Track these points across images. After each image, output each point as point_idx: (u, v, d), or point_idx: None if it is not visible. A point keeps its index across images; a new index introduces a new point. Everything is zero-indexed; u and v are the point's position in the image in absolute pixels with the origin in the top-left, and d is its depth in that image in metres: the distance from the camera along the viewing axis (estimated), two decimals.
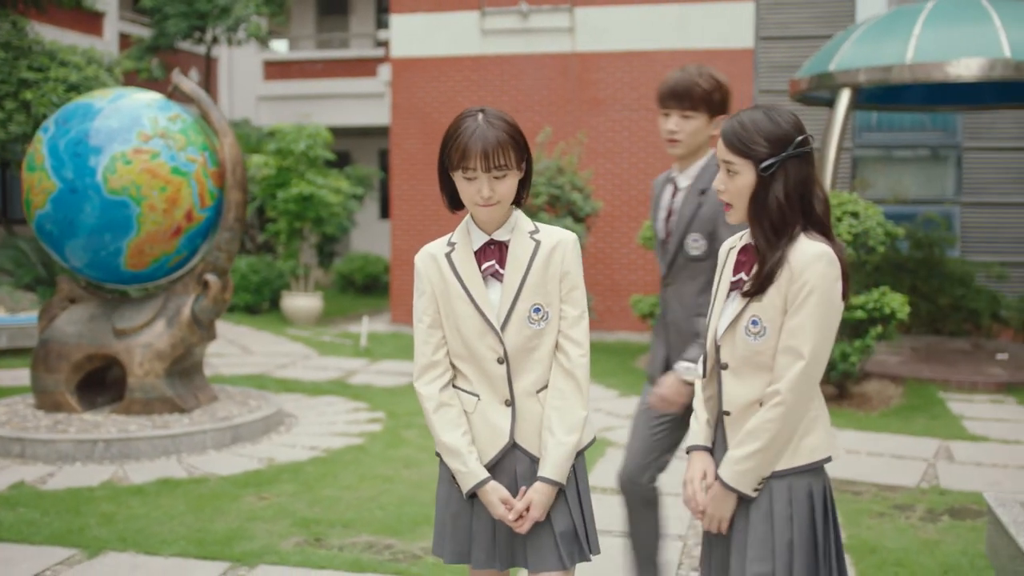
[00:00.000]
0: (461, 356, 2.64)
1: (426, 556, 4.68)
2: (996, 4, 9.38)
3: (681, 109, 3.39)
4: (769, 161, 2.45)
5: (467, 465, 2.57)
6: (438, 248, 2.67)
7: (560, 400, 2.59)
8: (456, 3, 14.43)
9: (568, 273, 2.61)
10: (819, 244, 2.46)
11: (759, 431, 2.45)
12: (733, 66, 13.57)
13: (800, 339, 2.42)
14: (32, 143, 7.03)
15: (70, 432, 6.60)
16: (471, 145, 2.49)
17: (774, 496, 2.48)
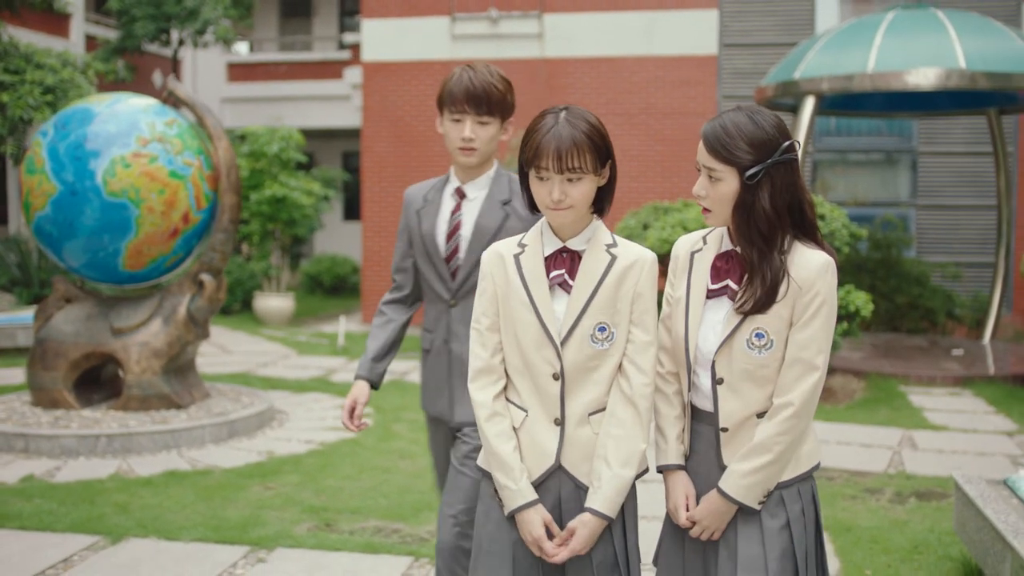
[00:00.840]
0: (516, 367, 2.51)
1: (432, 539, 4.96)
2: (951, 16, 9.85)
3: (478, 114, 3.03)
4: (755, 169, 2.35)
5: (517, 483, 2.44)
6: (507, 248, 2.54)
7: (618, 429, 2.44)
8: (427, 8, 14.70)
9: (642, 295, 2.46)
10: (821, 253, 2.41)
11: (770, 444, 2.39)
12: (698, 72, 14.00)
13: (812, 351, 2.38)
14: (31, 147, 7.21)
15: (72, 428, 6.80)
16: (544, 143, 2.39)
17: (788, 505, 2.45)
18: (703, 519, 2.47)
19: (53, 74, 12.49)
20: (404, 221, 3.24)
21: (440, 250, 3.12)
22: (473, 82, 3.01)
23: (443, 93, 3.06)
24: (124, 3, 18.49)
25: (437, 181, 3.21)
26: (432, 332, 3.18)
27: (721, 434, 2.47)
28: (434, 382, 3.19)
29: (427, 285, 3.19)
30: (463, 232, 3.09)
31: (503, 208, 3.04)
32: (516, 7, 14.41)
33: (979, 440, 7.25)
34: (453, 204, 3.12)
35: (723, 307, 2.46)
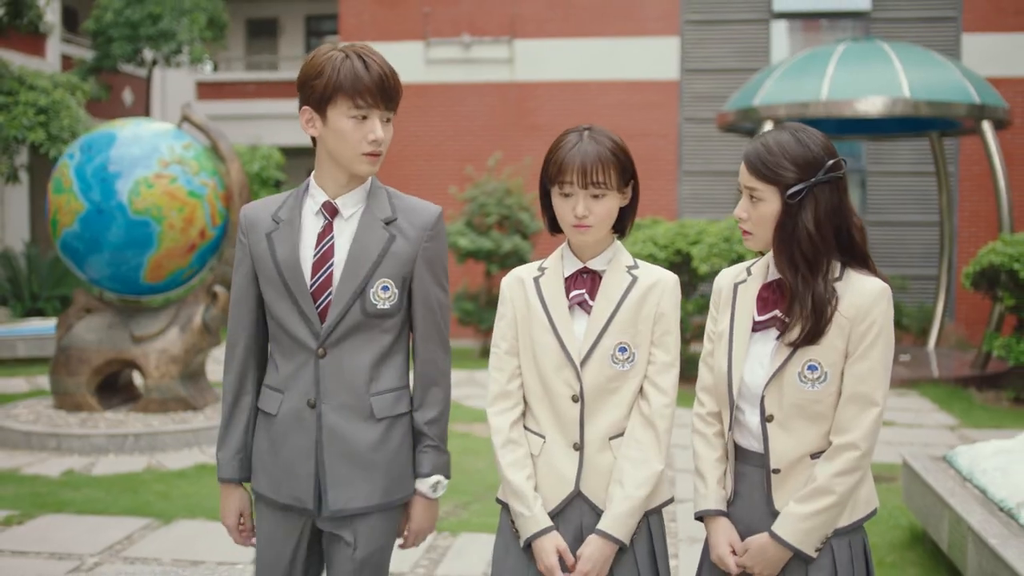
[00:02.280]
0: (535, 392, 2.46)
1: (445, 519, 5.61)
2: (896, 49, 10.73)
3: (388, 110, 2.40)
4: (797, 187, 2.25)
5: (531, 510, 2.38)
6: (527, 272, 2.52)
7: (636, 451, 2.39)
8: (402, 33, 15.38)
9: (664, 315, 2.42)
10: (875, 280, 2.29)
11: (832, 485, 2.24)
12: (660, 96, 14.81)
13: (872, 384, 2.25)
14: (58, 168, 7.77)
15: (100, 428, 7.37)
16: (569, 159, 2.35)
17: (837, 555, 2.31)
18: (753, 566, 2.32)
19: (45, 95, 12.99)
20: (244, 249, 2.51)
21: (305, 283, 2.41)
22: (383, 69, 2.36)
23: (339, 80, 2.32)
24: (100, 24, 18.96)
25: (287, 197, 2.52)
26: (283, 391, 2.46)
27: (772, 476, 2.33)
28: (286, 458, 2.45)
29: (280, 330, 2.47)
30: (336, 258, 2.42)
31: (386, 228, 2.43)
32: (487, 33, 15.13)
33: (924, 433, 8.05)
34: (321, 224, 2.45)
35: (769, 339, 2.35)
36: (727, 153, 14.33)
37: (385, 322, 2.45)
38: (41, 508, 5.75)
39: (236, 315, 2.54)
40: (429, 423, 2.49)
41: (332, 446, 2.42)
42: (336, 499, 2.41)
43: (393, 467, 2.46)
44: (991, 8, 14.14)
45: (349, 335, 2.42)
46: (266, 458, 2.50)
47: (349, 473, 2.42)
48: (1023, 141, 13.93)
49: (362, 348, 2.44)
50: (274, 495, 2.48)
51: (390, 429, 2.46)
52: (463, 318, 12.82)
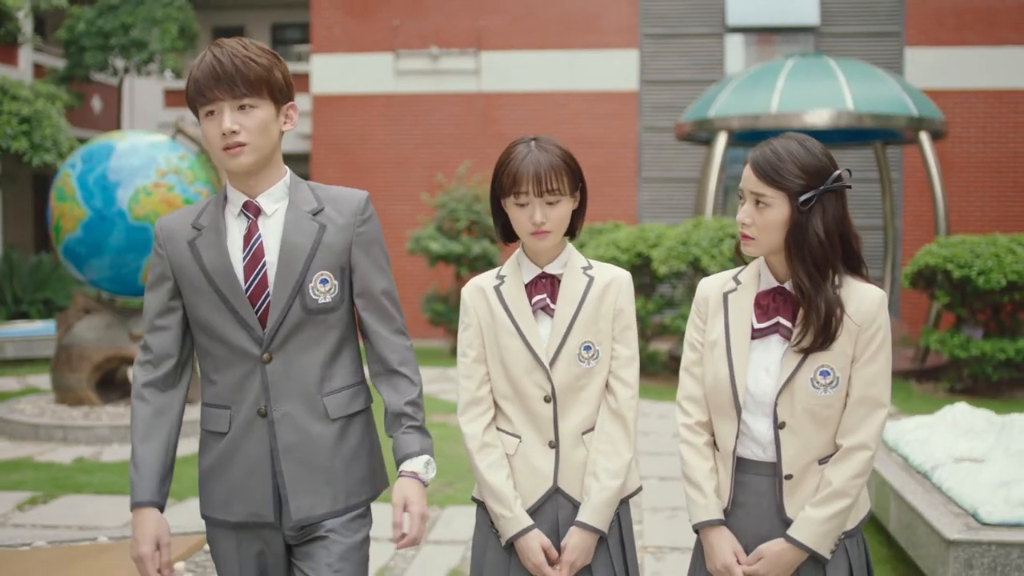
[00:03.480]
0: (505, 395, 2.53)
1: (432, 495, 6.21)
2: (841, 64, 11.48)
3: (235, 97, 2.24)
4: (809, 194, 2.29)
5: (512, 510, 2.45)
6: (487, 280, 2.58)
7: (607, 444, 2.48)
8: (372, 45, 15.93)
9: (622, 311, 2.53)
10: (874, 287, 2.37)
11: (846, 488, 2.31)
12: (620, 106, 15.49)
13: (880, 387, 2.33)
14: (60, 177, 8.28)
15: (103, 420, 7.89)
16: (523, 169, 2.42)
17: (851, 554, 2.40)
18: (768, 571, 2.36)
19: (28, 105, 13.42)
20: (164, 263, 2.37)
21: (240, 288, 2.31)
22: (219, 59, 2.22)
23: (189, 87, 2.27)
24: (73, 34, 19.32)
25: (205, 204, 2.42)
26: (231, 406, 2.35)
27: (784, 482, 2.36)
28: (238, 473, 2.35)
29: (216, 343, 2.34)
30: (268, 258, 2.33)
31: (314, 220, 2.35)
32: (455, 45, 15.73)
33: None
34: (245, 225, 2.35)
35: (772, 347, 2.39)
36: (684, 161, 15.04)
37: (329, 317, 2.36)
38: (61, 489, 6.28)
39: (158, 334, 2.37)
40: (408, 403, 2.38)
41: (289, 453, 2.33)
42: (299, 508, 2.32)
43: (353, 469, 2.38)
44: (932, 24, 14.96)
45: (293, 336, 2.33)
46: (214, 480, 2.38)
47: (310, 480, 2.33)
48: (963, 149, 14.77)
49: (309, 348, 2.35)
50: (224, 515, 2.36)
51: (346, 428, 2.39)
52: (434, 319, 13.40)
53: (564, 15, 15.49)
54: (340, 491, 2.36)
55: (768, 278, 2.42)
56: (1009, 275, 9.31)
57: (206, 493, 2.40)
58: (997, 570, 3.82)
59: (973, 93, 14.85)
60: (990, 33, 14.80)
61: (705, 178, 11.68)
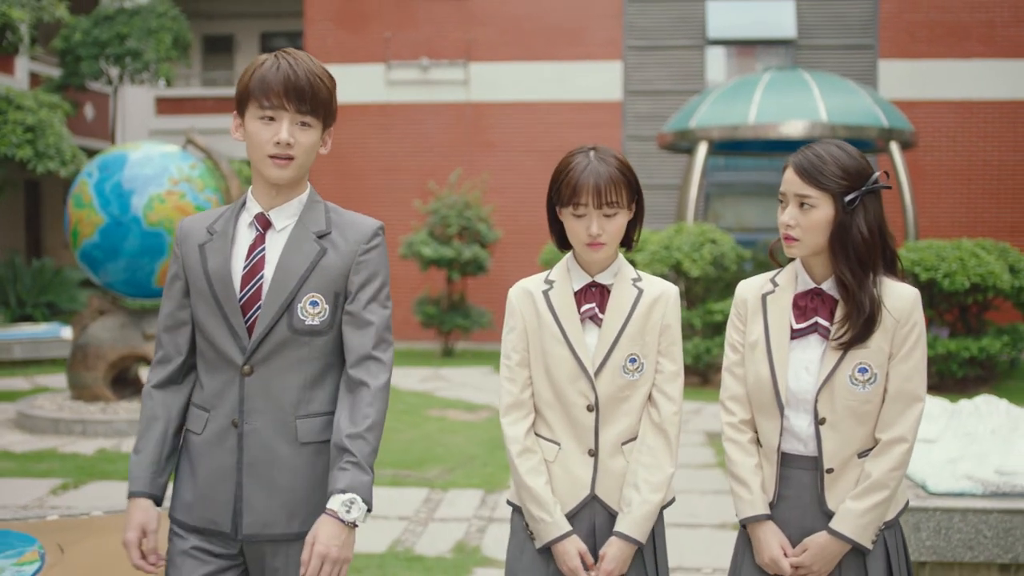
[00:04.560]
0: (547, 401, 2.53)
1: (436, 480, 6.71)
2: (815, 77, 12.06)
3: (299, 112, 2.30)
4: (854, 194, 2.37)
5: (552, 515, 2.47)
6: (535, 285, 2.57)
7: (649, 457, 2.49)
8: (364, 56, 16.43)
9: (669, 326, 2.53)
10: (909, 286, 2.44)
11: (886, 480, 2.38)
12: (605, 115, 16.03)
13: (916, 382, 2.40)
14: (77, 185, 8.74)
15: (120, 414, 8.36)
16: (583, 180, 2.42)
17: (889, 545, 2.46)
18: (813, 563, 2.43)
19: (32, 114, 13.85)
20: (178, 262, 2.42)
21: (235, 295, 2.33)
22: (295, 70, 2.27)
23: (251, 83, 2.29)
24: (69, 43, 19.74)
25: (226, 210, 2.46)
26: (209, 410, 2.37)
27: (826, 476, 2.43)
28: (204, 478, 2.36)
29: (208, 346, 2.38)
30: (266, 271, 2.34)
31: (317, 242, 2.35)
32: (445, 57, 16.25)
33: None
34: (253, 236, 2.38)
35: (811, 346, 2.46)
36: (667, 169, 15.58)
37: (315, 340, 2.33)
38: (89, 476, 6.76)
39: (172, 330, 2.43)
40: (351, 437, 2.23)
41: (252, 468, 2.31)
42: (251, 523, 2.31)
43: (315, 495, 2.32)
44: (905, 37, 15.57)
45: (276, 352, 2.32)
46: (183, 479, 2.40)
47: (267, 498, 2.31)
48: (934, 158, 15.37)
49: (291, 368, 2.33)
50: (185, 516, 2.37)
51: (317, 455, 2.34)
52: (425, 321, 13.90)
53: (551, 28, 16.02)
54: (297, 514, 2.31)
55: (805, 279, 2.49)
56: (972, 278, 9.89)
57: (176, 492, 2.42)
58: (940, 532, 4.35)
59: (943, 104, 15.45)
60: (959, 47, 15.41)
61: (687, 185, 12.24)
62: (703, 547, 5.22)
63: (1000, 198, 15.40)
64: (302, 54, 2.33)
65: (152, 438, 2.38)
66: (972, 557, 4.35)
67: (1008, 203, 15.37)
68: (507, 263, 15.85)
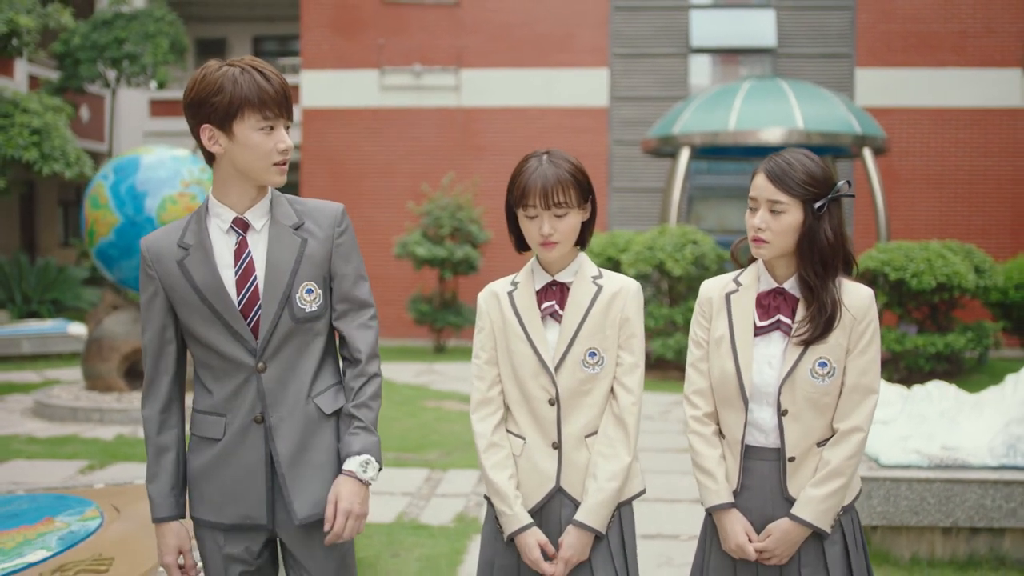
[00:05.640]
0: (514, 398, 2.63)
1: (435, 462, 7.24)
2: (792, 86, 12.64)
3: (289, 119, 2.42)
4: (823, 201, 2.48)
5: (512, 508, 2.56)
6: (501, 287, 2.69)
7: (607, 447, 2.56)
8: (358, 62, 16.93)
9: (628, 320, 2.58)
10: (864, 286, 2.58)
11: (843, 468, 2.50)
12: (591, 121, 16.58)
13: (871, 376, 2.53)
14: (93, 187, 9.23)
15: (135, 404, 8.86)
16: (531, 183, 2.50)
17: (845, 530, 2.58)
18: (776, 547, 2.54)
19: (38, 117, 14.31)
20: (154, 283, 2.45)
21: (232, 303, 2.40)
22: (273, 81, 2.37)
23: (244, 93, 2.32)
24: (68, 47, 20.18)
25: (187, 222, 2.49)
26: (225, 413, 2.44)
27: (788, 464, 2.55)
28: (232, 478, 2.45)
29: (211, 354, 2.44)
30: (257, 273, 2.43)
31: (296, 234, 2.45)
32: (437, 63, 16.77)
33: None
34: (234, 241, 2.44)
35: (773, 342, 2.57)
36: (651, 172, 16.14)
37: (315, 325, 2.47)
38: (112, 458, 7.26)
39: (157, 352, 2.47)
40: (358, 406, 2.46)
41: (289, 457, 2.42)
42: (302, 507, 2.42)
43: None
44: (880, 47, 16.16)
45: (284, 344, 2.43)
46: (205, 483, 2.46)
47: (310, 480, 2.44)
48: (908, 163, 15.97)
49: (300, 354, 2.45)
50: (217, 517, 2.45)
51: (335, 425, 2.50)
52: (419, 319, 14.41)
53: (539, 36, 16.56)
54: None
55: (768, 279, 2.60)
56: (939, 277, 10.47)
57: (196, 495, 2.48)
58: (890, 499, 4.91)
59: (917, 111, 16.06)
60: (933, 56, 16.02)
61: (670, 189, 12.80)
62: (681, 518, 5.75)
63: (972, 202, 16.02)
64: (266, 63, 2.38)
65: (166, 465, 2.46)
66: (917, 521, 4.92)
67: (979, 207, 15.99)
68: (497, 263, 16.36)
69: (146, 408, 2.49)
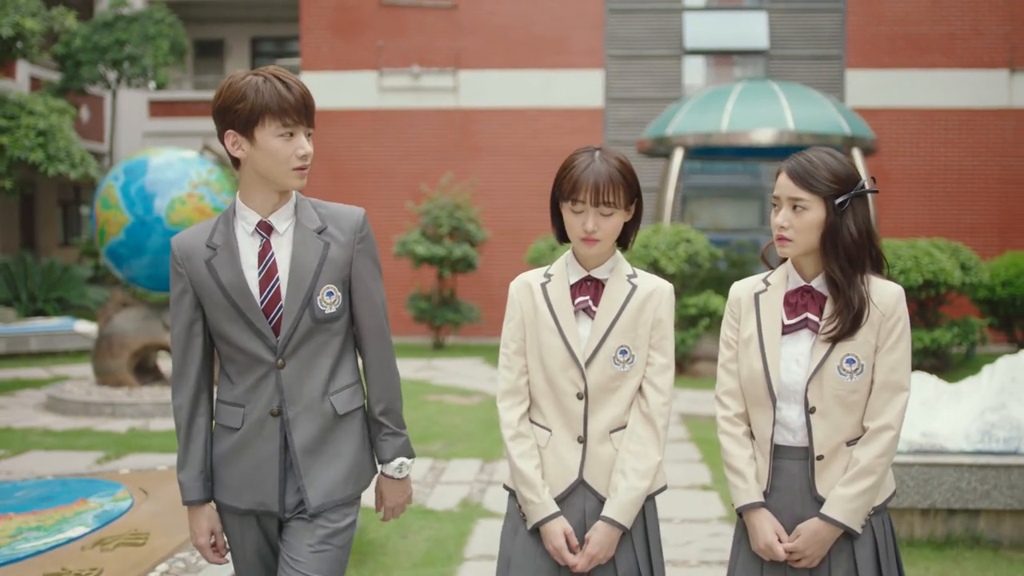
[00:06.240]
0: (541, 389, 2.63)
1: (439, 452, 7.52)
2: (783, 88, 12.93)
3: (310, 126, 2.54)
4: (844, 197, 2.48)
5: (540, 496, 2.57)
6: (534, 277, 2.69)
7: (637, 445, 2.57)
8: (358, 64, 17.19)
9: (661, 321, 2.61)
10: (894, 283, 2.56)
11: (874, 466, 2.48)
12: (587, 121, 16.86)
13: (901, 373, 2.51)
14: (104, 188, 9.50)
15: (145, 398, 9.13)
16: (583, 178, 2.51)
17: (876, 531, 2.55)
18: (806, 548, 2.53)
19: (43, 119, 14.56)
20: (184, 280, 2.57)
21: (255, 302, 2.52)
22: (294, 91, 2.48)
23: (265, 101, 2.43)
24: (69, 48, 20.42)
25: (215, 223, 2.61)
26: (244, 405, 2.57)
27: (816, 463, 2.53)
28: (249, 465, 2.58)
29: (235, 350, 2.56)
30: (281, 274, 2.54)
31: (319, 238, 2.55)
32: (435, 64, 17.04)
33: None
34: (259, 243, 2.55)
35: (801, 340, 2.58)
36: (645, 172, 16.39)
37: (334, 325, 2.58)
38: (127, 449, 7.54)
39: (185, 345, 2.59)
40: (384, 413, 2.66)
41: (305, 448, 2.55)
42: (316, 496, 2.54)
43: (360, 456, 2.64)
44: (870, 48, 16.46)
45: (303, 343, 2.53)
46: (224, 469, 2.60)
47: (324, 471, 2.57)
48: (898, 163, 16.25)
49: (318, 353, 2.57)
50: (235, 502, 2.59)
51: (353, 422, 2.62)
52: (418, 316, 14.70)
53: (536, 38, 16.84)
54: (351, 479, 2.60)
55: (795, 278, 2.61)
56: (925, 274, 10.76)
57: (217, 480, 2.63)
58: None
59: (907, 112, 16.36)
60: (922, 58, 16.33)
61: (664, 188, 13.09)
62: (673, 503, 6.04)
63: (960, 200, 16.32)
64: (290, 73, 2.50)
65: (195, 452, 2.59)
66: (897, 503, 5.21)
67: (967, 205, 16.30)
68: (495, 261, 16.67)
69: (176, 398, 2.61)
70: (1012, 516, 5.22)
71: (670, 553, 5.05)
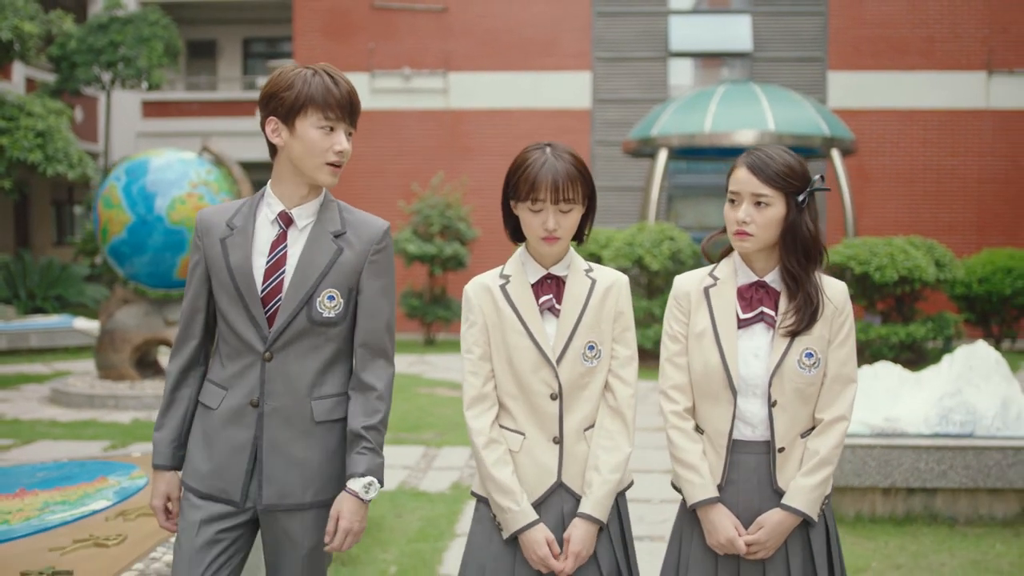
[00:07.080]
0: (510, 392, 2.58)
1: (431, 440, 7.86)
2: (764, 90, 13.31)
3: (351, 125, 2.53)
4: (804, 194, 2.50)
5: (519, 504, 2.51)
6: (491, 279, 2.62)
7: (607, 439, 2.56)
8: (350, 65, 17.49)
9: (622, 313, 2.60)
10: (837, 280, 2.63)
11: (831, 456, 2.53)
12: (575, 122, 17.22)
13: (851, 366, 2.57)
14: (107, 188, 9.82)
15: (147, 391, 9.46)
16: (541, 177, 2.46)
17: (827, 517, 2.62)
18: (767, 540, 2.54)
19: (42, 121, 14.85)
20: (199, 252, 2.59)
21: (256, 289, 2.51)
22: (342, 88, 2.48)
23: (311, 92, 2.43)
24: (64, 50, 20.70)
25: (241, 204, 2.60)
26: (227, 388, 2.54)
27: (777, 456, 2.55)
28: (219, 451, 2.54)
29: (229, 332, 2.55)
30: (288, 267, 2.52)
31: (335, 242, 2.53)
32: (425, 66, 17.38)
33: None
34: (276, 232, 2.54)
35: (757, 335, 2.59)
36: (631, 172, 16.79)
37: (330, 330, 2.52)
38: (131, 438, 7.87)
39: (190, 316, 2.60)
40: (367, 428, 2.49)
41: (272, 445, 2.50)
42: (270, 495, 2.50)
43: (326, 468, 2.53)
44: (851, 51, 16.85)
45: (295, 341, 2.50)
46: (196, 449, 2.56)
47: (285, 472, 2.50)
48: (879, 163, 16.66)
49: (308, 354, 2.52)
50: (197, 484, 2.53)
51: (329, 432, 2.54)
52: (410, 312, 15.05)
53: (525, 40, 17.19)
54: (310, 487, 2.52)
55: (747, 273, 2.62)
56: (901, 271, 11.15)
57: (188, 458, 2.58)
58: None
59: (887, 112, 16.75)
60: (902, 60, 16.72)
61: (649, 188, 13.47)
62: (654, 486, 6.38)
63: (939, 199, 16.72)
64: (332, 67, 2.51)
65: (175, 417, 2.59)
66: (860, 483, 5.58)
67: (946, 204, 16.70)
68: (485, 259, 16.98)
69: (171, 364, 2.62)
70: (967, 494, 5.60)
71: (649, 529, 5.41)
